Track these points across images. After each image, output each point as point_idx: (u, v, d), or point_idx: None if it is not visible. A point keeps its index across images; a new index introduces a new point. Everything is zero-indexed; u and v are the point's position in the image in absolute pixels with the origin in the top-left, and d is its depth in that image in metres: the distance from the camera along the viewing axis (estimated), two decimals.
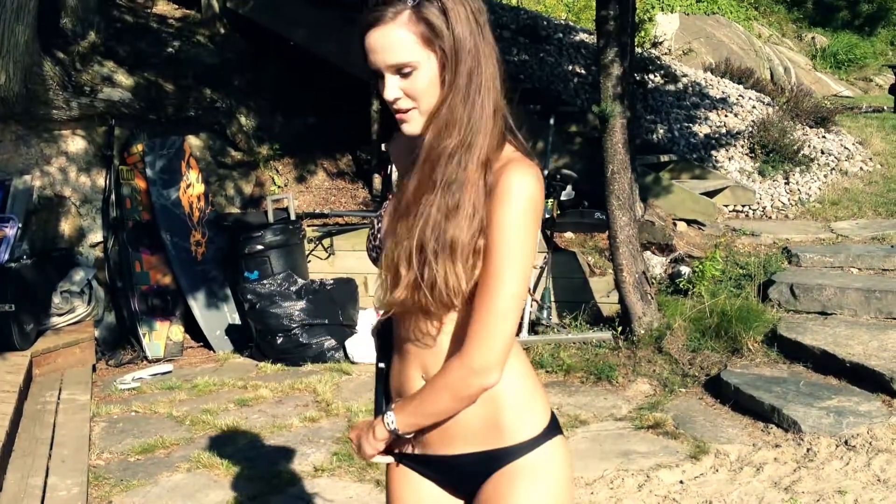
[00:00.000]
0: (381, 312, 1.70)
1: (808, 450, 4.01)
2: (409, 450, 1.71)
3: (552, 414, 1.68)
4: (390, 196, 1.69)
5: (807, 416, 4.22)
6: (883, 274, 6.01)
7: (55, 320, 5.71)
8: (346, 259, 6.48)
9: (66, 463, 3.98)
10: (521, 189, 1.49)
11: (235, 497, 3.74)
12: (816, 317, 5.48)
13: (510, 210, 1.49)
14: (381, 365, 1.74)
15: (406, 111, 1.53)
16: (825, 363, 4.85)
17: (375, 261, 1.65)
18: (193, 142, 6.93)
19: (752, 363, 5.06)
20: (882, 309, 5.39)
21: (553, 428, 1.65)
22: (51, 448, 4.15)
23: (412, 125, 1.54)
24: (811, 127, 9.42)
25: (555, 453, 1.63)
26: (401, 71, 1.50)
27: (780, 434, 4.20)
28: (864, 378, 4.60)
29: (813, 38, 17.73)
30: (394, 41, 1.48)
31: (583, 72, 9.17)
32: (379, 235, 1.64)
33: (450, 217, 1.50)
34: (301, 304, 5.79)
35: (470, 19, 1.51)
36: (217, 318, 6.25)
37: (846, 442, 4.02)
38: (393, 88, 1.51)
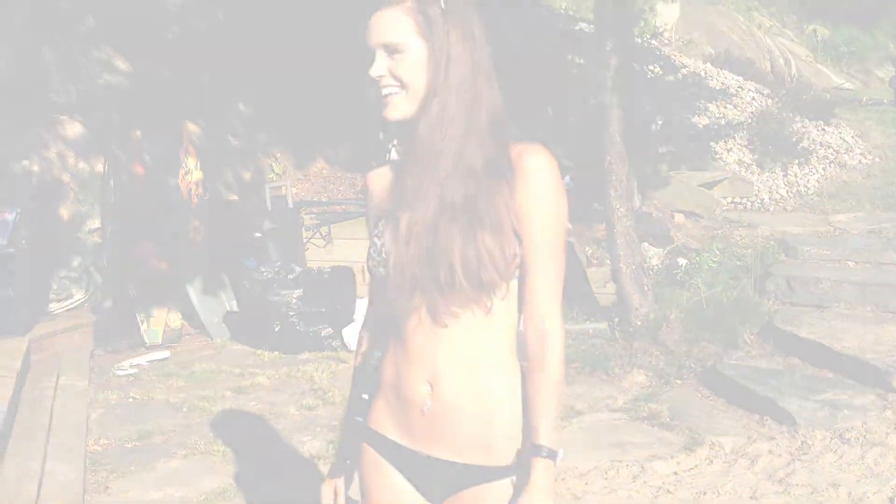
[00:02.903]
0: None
1: (802, 442, 4.02)
2: (393, 436, 1.68)
3: None
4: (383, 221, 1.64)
5: (802, 409, 4.23)
6: (880, 267, 6.02)
7: (53, 306, 5.71)
8: (344, 247, 6.48)
9: (63, 448, 3.99)
10: (547, 170, 1.56)
11: (231, 484, 3.75)
12: (812, 309, 5.49)
13: (544, 196, 1.55)
14: (360, 419, 1.73)
15: (390, 94, 1.58)
16: (821, 356, 4.86)
17: (378, 273, 1.63)
18: (192, 128, 6.92)
19: (747, 355, 5.08)
20: (878, 302, 5.40)
21: None
22: (48, 433, 4.16)
23: (394, 110, 1.58)
24: (811, 119, 9.42)
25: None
26: (390, 50, 1.57)
27: (775, 426, 4.22)
28: (859, 371, 4.61)
29: (814, 29, 17.68)
30: (391, 21, 1.57)
31: (581, 62, 9.15)
32: (384, 250, 1.61)
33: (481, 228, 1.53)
34: (298, 292, 5.80)
35: (467, 30, 1.57)
36: (215, 305, 6.25)
37: (840, 435, 4.03)
38: (379, 66, 1.58)
